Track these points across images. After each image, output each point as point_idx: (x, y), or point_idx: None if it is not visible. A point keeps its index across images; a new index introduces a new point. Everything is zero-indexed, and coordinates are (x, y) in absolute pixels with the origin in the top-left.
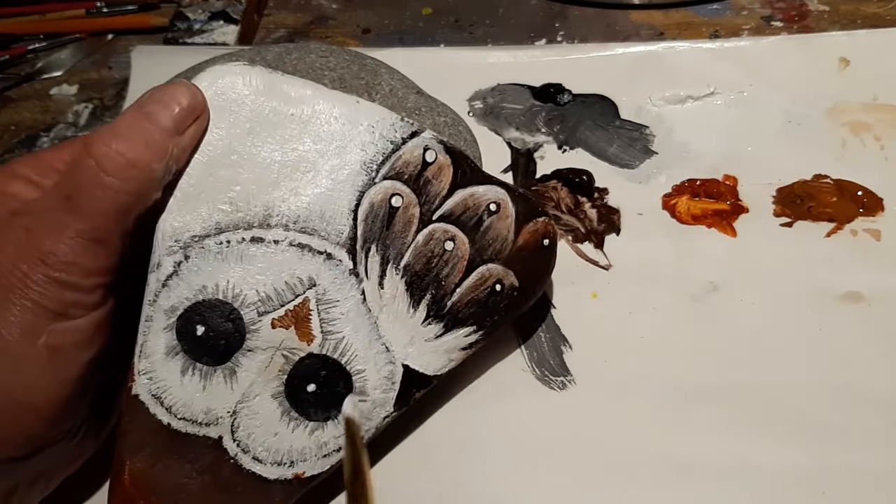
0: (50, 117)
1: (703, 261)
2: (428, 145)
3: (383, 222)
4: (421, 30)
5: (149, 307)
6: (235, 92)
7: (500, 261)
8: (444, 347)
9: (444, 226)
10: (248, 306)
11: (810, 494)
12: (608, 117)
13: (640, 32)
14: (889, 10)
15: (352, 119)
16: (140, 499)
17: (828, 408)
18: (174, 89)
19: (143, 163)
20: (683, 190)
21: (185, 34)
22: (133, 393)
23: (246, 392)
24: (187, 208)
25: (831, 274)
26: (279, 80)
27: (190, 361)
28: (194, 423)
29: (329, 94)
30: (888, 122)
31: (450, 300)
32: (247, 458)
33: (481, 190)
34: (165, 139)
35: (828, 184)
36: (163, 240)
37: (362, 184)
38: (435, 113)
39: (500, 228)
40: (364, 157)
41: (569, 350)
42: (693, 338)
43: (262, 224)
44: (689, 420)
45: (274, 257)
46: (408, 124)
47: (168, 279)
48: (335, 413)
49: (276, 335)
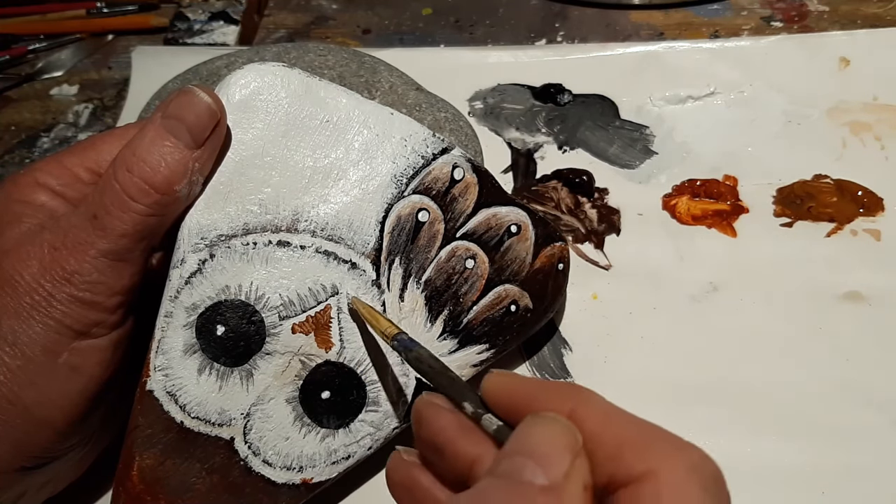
0: (50, 117)
1: (703, 261)
2: (457, 163)
3: (408, 236)
4: (421, 30)
5: (169, 303)
6: (273, 93)
7: (517, 282)
8: (457, 363)
9: (466, 243)
10: (270, 309)
11: (810, 494)
12: (608, 117)
13: (640, 32)
14: (889, 10)
15: (385, 131)
16: (147, 495)
17: (828, 408)
18: (190, 99)
19: (164, 186)
20: (683, 190)
21: (186, 34)
22: (148, 388)
23: (261, 395)
24: (216, 206)
25: (831, 274)
26: (316, 85)
27: (207, 361)
28: (207, 422)
29: (364, 104)
30: (888, 122)
31: (466, 317)
32: (257, 460)
33: (504, 211)
34: (186, 157)
35: (828, 184)
36: (188, 236)
37: (391, 196)
38: (435, 109)
39: (520, 250)
40: (395, 170)
41: (569, 352)
42: (693, 338)
43: (289, 228)
44: (689, 420)
45: (299, 262)
46: (439, 140)
47: (192, 276)
48: (347, 422)
49: (296, 340)
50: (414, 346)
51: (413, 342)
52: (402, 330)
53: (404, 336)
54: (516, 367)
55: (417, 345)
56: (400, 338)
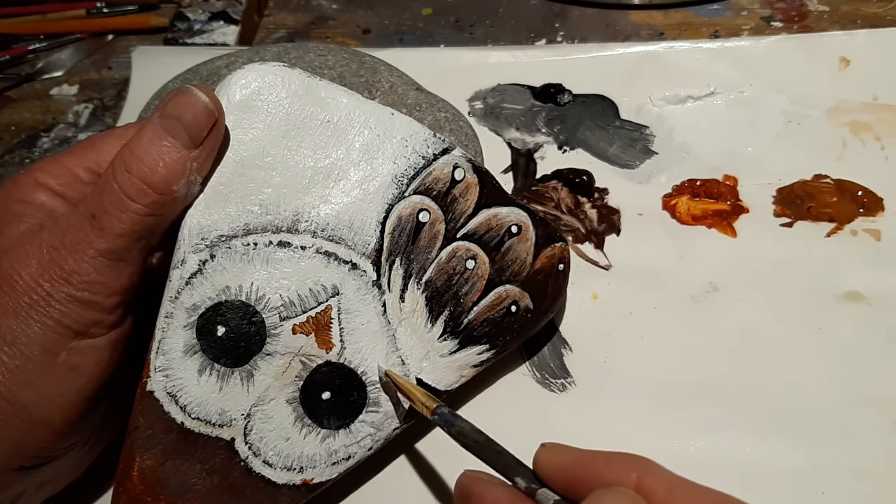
0: (50, 117)
1: (703, 261)
2: (458, 163)
3: (409, 236)
4: (421, 30)
5: (169, 303)
6: (274, 93)
7: (517, 282)
8: (458, 364)
9: (466, 244)
10: (270, 310)
11: (810, 494)
12: (608, 117)
13: (640, 32)
14: (889, 10)
15: (386, 131)
16: (147, 496)
17: (828, 408)
18: (188, 99)
19: (162, 186)
20: (683, 190)
21: (186, 34)
22: (148, 389)
23: (261, 396)
24: (216, 207)
25: (831, 274)
26: (317, 85)
27: (208, 361)
28: (208, 423)
29: (365, 104)
30: (888, 122)
31: (466, 318)
32: (257, 461)
33: (504, 211)
34: (184, 157)
35: (828, 184)
36: (189, 236)
37: (392, 196)
38: (435, 109)
39: (520, 251)
40: (395, 170)
41: (569, 352)
42: (693, 338)
43: (290, 229)
44: (689, 420)
45: (300, 263)
46: (439, 140)
47: (192, 277)
48: (347, 422)
49: (296, 341)
50: (455, 420)
51: (454, 416)
52: (441, 403)
53: (444, 409)
54: (516, 367)
55: (459, 418)
56: (440, 411)
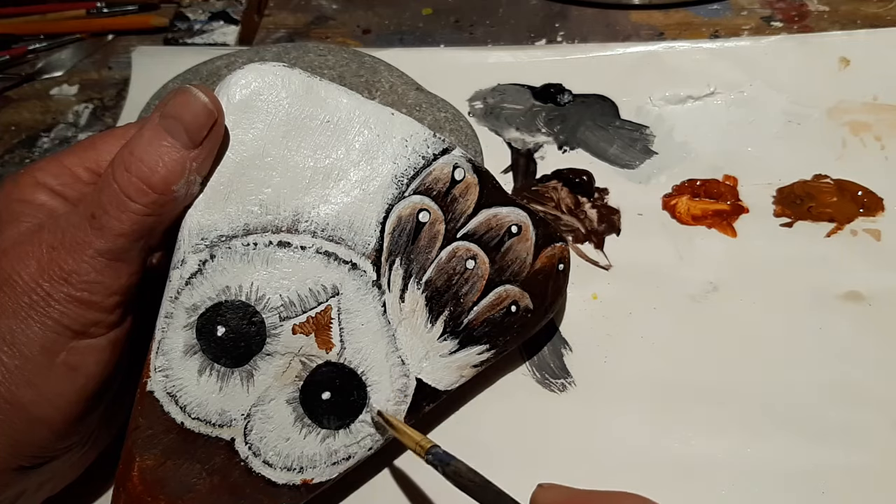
0: (50, 117)
1: (703, 261)
2: (458, 163)
3: (409, 236)
4: (421, 30)
5: (169, 303)
6: (274, 93)
7: (517, 283)
8: (457, 364)
9: (466, 244)
10: (270, 310)
11: (810, 494)
12: (608, 117)
13: (640, 32)
14: (889, 10)
15: (386, 131)
16: (147, 496)
17: (828, 408)
18: (187, 99)
19: (162, 186)
20: (683, 190)
21: (186, 34)
22: (148, 389)
23: (261, 396)
24: (216, 207)
25: (831, 274)
26: (317, 86)
27: (208, 361)
28: (208, 423)
29: (365, 104)
30: (888, 121)
31: (466, 318)
32: (257, 461)
33: (504, 211)
34: (183, 157)
35: (828, 184)
36: (189, 237)
37: (392, 196)
38: (435, 109)
39: (520, 251)
40: (395, 170)
41: (569, 352)
42: (693, 338)
43: (290, 229)
44: (689, 420)
45: (300, 263)
46: (439, 140)
47: (192, 277)
48: (347, 422)
49: (296, 341)
50: (451, 461)
51: (449, 455)
52: (436, 444)
53: (439, 450)
54: (516, 367)
55: (454, 458)
56: (434, 451)
